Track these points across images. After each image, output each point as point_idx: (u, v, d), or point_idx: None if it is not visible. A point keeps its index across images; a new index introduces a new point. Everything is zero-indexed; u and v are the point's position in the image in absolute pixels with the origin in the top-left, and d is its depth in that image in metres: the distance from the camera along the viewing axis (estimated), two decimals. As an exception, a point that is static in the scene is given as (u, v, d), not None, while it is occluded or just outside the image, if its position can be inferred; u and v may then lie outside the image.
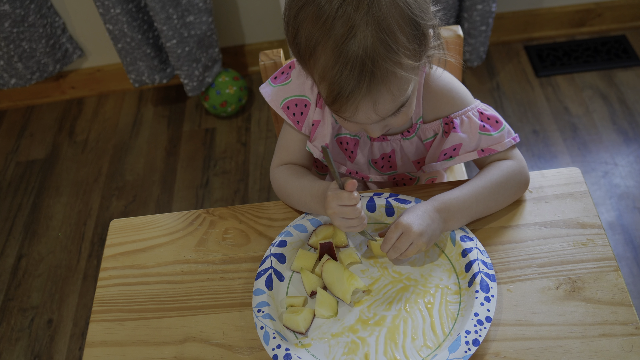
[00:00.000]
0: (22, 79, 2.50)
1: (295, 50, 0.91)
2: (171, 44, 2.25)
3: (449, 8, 2.21)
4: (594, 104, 2.33)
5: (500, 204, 1.04)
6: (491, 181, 1.02)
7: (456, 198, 1.00)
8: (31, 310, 2.01)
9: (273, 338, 0.89)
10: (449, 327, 0.90)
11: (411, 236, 0.94)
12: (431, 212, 0.97)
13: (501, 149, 1.05)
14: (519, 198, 1.06)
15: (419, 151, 1.15)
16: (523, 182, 1.05)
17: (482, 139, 1.05)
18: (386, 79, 0.85)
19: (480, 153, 1.05)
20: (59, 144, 2.55)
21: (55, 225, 2.25)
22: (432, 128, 1.10)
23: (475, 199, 1.00)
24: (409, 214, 0.97)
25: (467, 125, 1.05)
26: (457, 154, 1.06)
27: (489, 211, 1.03)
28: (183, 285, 1.02)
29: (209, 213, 1.12)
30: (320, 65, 0.87)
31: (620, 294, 0.91)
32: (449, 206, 0.99)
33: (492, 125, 1.05)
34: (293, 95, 1.10)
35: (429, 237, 0.95)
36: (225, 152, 2.41)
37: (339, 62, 0.83)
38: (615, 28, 2.59)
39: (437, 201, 0.99)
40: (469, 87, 2.47)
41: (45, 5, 2.35)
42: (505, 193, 1.03)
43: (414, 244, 0.94)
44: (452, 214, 0.99)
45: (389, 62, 0.83)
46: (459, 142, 1.05)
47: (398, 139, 1.12)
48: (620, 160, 2.14)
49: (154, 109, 2.63)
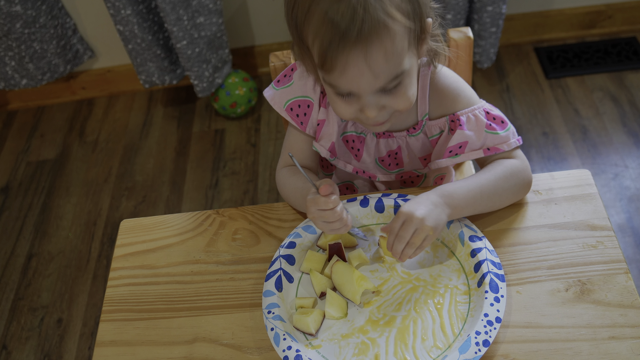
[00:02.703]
0: (33, 80, 2.51)
1: (293, 24, 0.93)
2: (181, 45, 2.26)
3: (459, 10, 2.20)
4: (604, 106, 2.33)
5: (504, 200, 1.04)
6: (495, 175, 1.02)
7: (460, 187, 1.00)
8: (41, 309, 2.02)
9: (283, 339, 0.89)
10: (458, 328, 0.90)
11: (414, 222, 0.93)
12: (433, 198, 0.97)
13: (507, 149, 1.05)
14: (525, 199, 1.06)
15: (425, 148, 1.15)
16: (526, 181, 1.05)
17: (488, 138, 1.05)
18: (377, 28, 0.85)
19: (486, 152, 1.05)
20: (69, 145, 2.57)
21: (65, 225, 2.26)
22: (438, 125, 1.11)
23: (479, 189, 1.00)
24: (410, 202, 0.96)
25: (473, 123, 1.06)
26: (462, 152, 1.06)
27: (492, 206, 1.03)
28: (193, 285, 1.03)
29: (218, 214, 1.13)
30: (314, 23, 0.88)
31: (630, 297, 0.91)
32: (452, 193, 0.98)
33: (498, 125, 1.06)
34: (296, 97, 1.11)
35: (434, 222, 0.94)
36: (234, 153, 2.42)
37: (330, 12, 0.85)
38: (626, 30, 2.58)
39: (439, 189, 0.99)
40: (479, 89, 2.46)
41: (56, 7, 2.37)
42: (509, 189, 1.03)
43: (419, 230, 0.93)
44: (456, 201, 0.98)
45: (379, 11, 0.85)
46: (465, 139, 1.06)
47: (404, 135, 1.13)
48: (631, 163, 2.13)
49: (163, 109, 2.64)
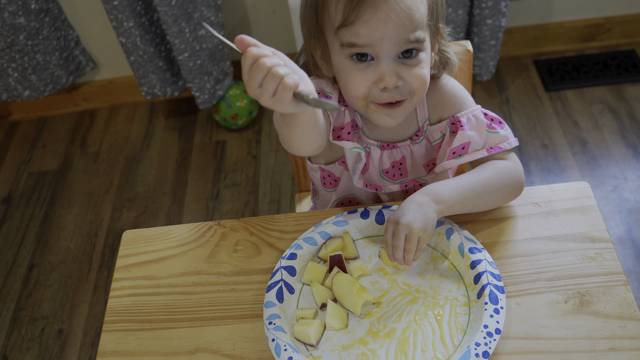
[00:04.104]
0: (36, 91, 2.53)
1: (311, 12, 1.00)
2: (183, 57, 2.28)
3: (458, 23, 2.22)
4: (603, 118, 2.34)
5: (494, 200, 1.04)
6: (484, 174, 1.03)
7: (446, 184, 1.00)
8: (42, 320, 2.03)
9: (284, 350, 0.90)
10: (458, 339, 0.91)
11: (401, 229, 0.94)
12: (418, 198, 0.97)
13: (508, 147, 1.07)
14: (525, 211, 1.06)
15: (428, 153, 1.16)
16: (518, 182, 1.05)
17: (489, 137, 1.07)
18: None
19: (489, 150, 1.07)
20: (71, 155, 2.58)
21: (66, 236, 2.27)
22: (439, 129, 1.12)
23: (467, 187, 1.01)
24: (396, 210, 0.97)
25: (474, 123, 1.07)
26: (466, 152, 1.07)
27: (482, 205, 1.04)
28: (194, 296, 1.03)
29: (220, 225, 1.13)
30: None
31: (629, 308, 0.92)
32: (437, 190, 0.99)
33: (497, 125, 1.08)
34: None
35: (422, 223, 0.94)
36: (235, 164, 2.42)
37: None
38: (625, 43, 2.60)
39: (424, 188, 1.00)
40: (479, 101, 2.47)
41: (59, 19, 2.39)
42: (499, 189, 1.03)
43: (409, 236, 0.94)
44: (443, 197, 0.98)
45: None
46: (468, 140, 1.07)
47: (407, 144, 1.14)
48: (630, 175, 2.14)
49: (165, 121, 2.65)
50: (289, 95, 0.78)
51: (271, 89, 0.77)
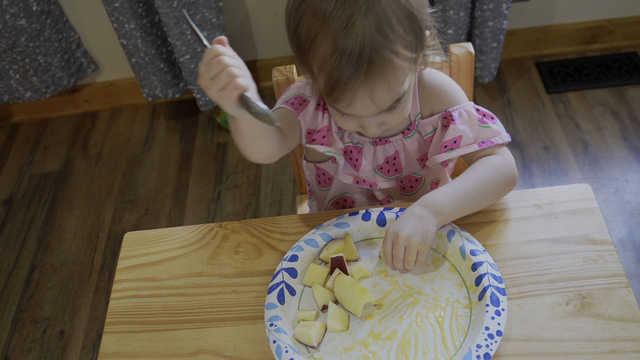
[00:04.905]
0: (37, 93, 2.53)
1: (296, 44, 0.94)
2: (184, 59, 2.28)
3: (460, 25, 2.22)
4: (605, 120, 2.34)
5: (490, 198, 1.05)
6: (478, 175, 1.03)
7: (444, 193, 1.00)
8: (43, 321, 2.03)
9: (286, 352, 0.90)
10: (459, 341, 0.91)
11: (401, 242, 0.95)
12: (417, 211, 0.98)
13: (500, 141, 1.07)
14: (527, 213, 1.06)
15: (421, 148, 1.17)
16: (511, 177, 1.06)
17: (481, 131, 1.08)
18: (383, 67, 0.88)
19: (480, 144, 1.07)
20: (72, 157, 2.58)
21: (68, 238, 2.27)
22: (430, 123, 1.13)
23: (464, 192, 1.01)
24: (396, 221, 0.98)
25: (465, 117, 1.08)
26: (458, 146, 1.08)
27: (480, 205, 1.04)
28: (195, 298, 1.03)
29: (221, 227, 1.13)
30: (320, 55, 0.90)
31: (631, 310, 0.91)
32: (436, 201, 0.99)
33: (489, 119, 1.09)
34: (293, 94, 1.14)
35: (421, 237, 0.95)
36: (237, 166, 2.43)
37: (338, 49, 0.87)
38: (627, 45, 2.59)
39: (423, 200, 1.00)
40: (480, 103, 2.47)
41: (61, 21, 2.39)
42: (494, 187, 1.04)
43: (408, 249, 0.95)
44: (442, 208, 0.98)
45: (386, 50, 0.87)
46: (459, 134, 1.07)
47: (400, 139, 1.14)
48: (632, 177, 2.13)
49: (166, 123, 2.66)
50: (236, 94, 0.83)
51: (222, 83, 0.83)
